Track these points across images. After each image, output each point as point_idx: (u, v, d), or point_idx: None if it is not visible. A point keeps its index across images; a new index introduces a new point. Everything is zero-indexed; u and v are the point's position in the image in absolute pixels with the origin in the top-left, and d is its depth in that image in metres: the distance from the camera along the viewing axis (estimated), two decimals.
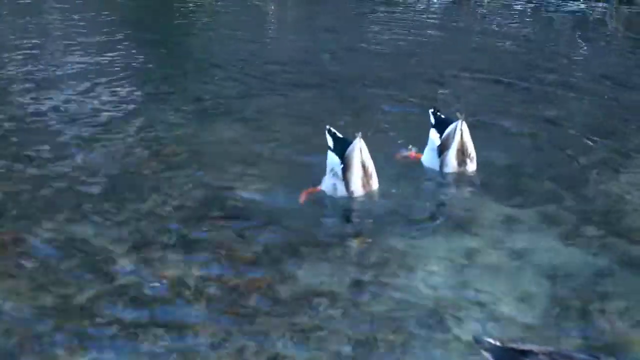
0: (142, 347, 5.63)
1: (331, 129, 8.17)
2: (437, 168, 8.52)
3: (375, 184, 7.99)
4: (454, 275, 6.60)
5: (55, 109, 10.53)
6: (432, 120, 8.65)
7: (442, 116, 8.68)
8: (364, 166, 7.83)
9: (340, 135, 8.08)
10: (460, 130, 8.26)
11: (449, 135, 8.38)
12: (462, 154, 8.36)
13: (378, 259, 6.85)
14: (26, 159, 8.77)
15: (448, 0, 19.81)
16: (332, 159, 7.97)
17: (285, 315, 6.02)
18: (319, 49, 14.37)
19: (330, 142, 8.08)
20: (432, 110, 8.75)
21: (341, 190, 7.89)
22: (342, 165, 7.82)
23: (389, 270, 6.66)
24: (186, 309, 6.05)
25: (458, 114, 8.34)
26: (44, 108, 10.57)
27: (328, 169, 8.00)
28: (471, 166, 8.47)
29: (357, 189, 7.87)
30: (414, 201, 8.04)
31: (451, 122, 8.38)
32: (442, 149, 8.44)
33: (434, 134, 8.57)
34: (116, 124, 9.93)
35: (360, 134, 7.74)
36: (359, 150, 7.76)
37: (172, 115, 10.27)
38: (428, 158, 8.66)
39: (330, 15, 18.37)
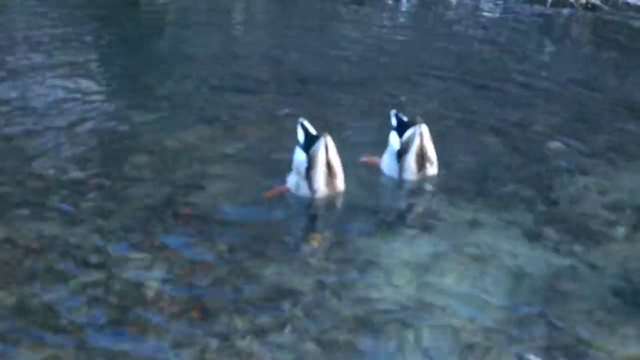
0: (104, 348, 5.58)
1: (304, 123, 8.06)
2: (395, 173, 8.43)
3: (341, 185, 7.96)
4: (417, 277, 6.62)
5: (17, 107, 10.39)
6: (394, 122, 8.51)
7: (404, 119, 8.56)
8: (329, 165, 7.77)
9: (314, 132, 7.96)
10: (420, 134, 8.16)
11: (408, 139, 8.26)
12: (421, 158, 8.26)
13: (342, 260, 6.85)
14: None
15: (417, 2, 19.88)
16: (299, 156, 7.89)
17: (249, 315, 6.01)
18: (287, 49, 14.35)
19: (301, 136, 7.95)
20: (394, 112, 8.60)
21: (304, 189, 7.86)
22: (306, 164, 7.78)
23: (352, 271, 6.67)
24: (148, 310, 6.02)
25: (418, 117, 8.35)
26: (3, 107, 10.42)
27: (294, 166, 7.95)
28: (431, 170, 8.41)
29: (321, 188, 7.84)
30: (378, 202, 8.08)
31: (412, 125, 8.27)
32: (401, 153, 8.35)
33: (393, 138, 8.44)
34: (79, 121, 9.82)
35: (326, 133, 7.73)
36: (324, 148, 7.68)
37: (137, 113, 10.19)
38: (387, 162, 8.55)
39: (298, 14, 18.36)
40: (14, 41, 13.94)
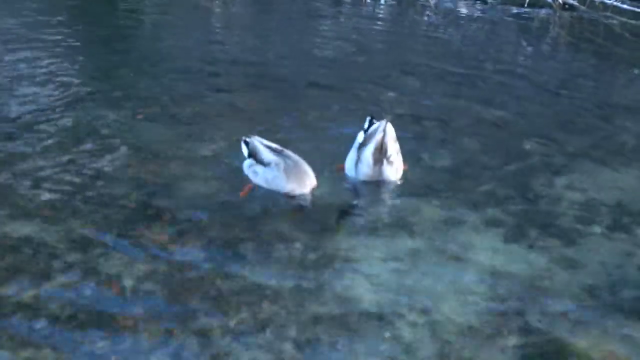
0: (81, 347, 5.57)
1: (246, 139, 8.30)
2: (352, 167, 8.39)
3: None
4: (396, 276, 6.64)
5: None
6: (366, 125, 8.49)
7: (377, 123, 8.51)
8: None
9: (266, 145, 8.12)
10: (383, 130, 8.12)
11: (371, 133, 8.25)
12: (379, 152, 8.16)
13: (320, 259, 6.86)
14: None
15: (395, 3, 19.94)
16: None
17: (227, 314, 6.00)
18: (264, 49, 14.34)
19: (245, 153, 8.29)
20: (369, 117, 8.55)
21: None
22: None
23: (330, 271, 6.68)
24: (126, 309, 6.00)
25: (384, 115, 8.39)
26: None
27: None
28: (389, 170, 8.29)
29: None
30: (356, 202, 8.07)
31: None
32: (361, 146, 8.32)
33: (360, 136, 8.45)
34: (57, 122, 9.76)
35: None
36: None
37: (113, 114, 10.13)
38: (348, 157, 8.51)
39: (276, 15, 18.36)
40: None
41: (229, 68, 12.90)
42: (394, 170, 8.35)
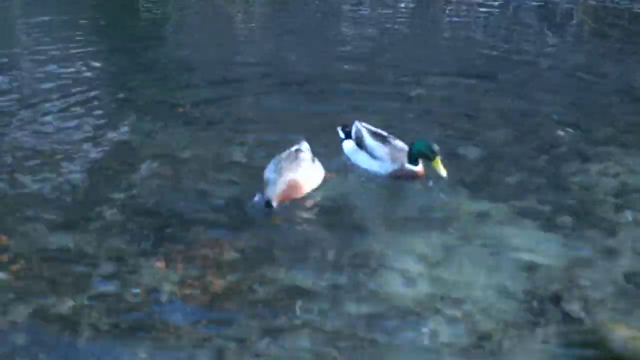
0: (123, 355, 5.61)
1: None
2: (367, 161, 8.56)
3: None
4: (431, 271, 6.63)
5: (25, 118, 10.40)
6: (341, 135, 8.93)
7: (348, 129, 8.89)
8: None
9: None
10: (363, 127, 8.65)
11: (355, 133, 8.70)
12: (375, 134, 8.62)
13: (355, 259, 6.86)
14: None
15: None
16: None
17: (264, 316, 6.03)
18: (287, 51, 14.32)
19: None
20: (340, 127, 8.99)
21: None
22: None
23: (366, 270, 6.68)
24: (165, 315, 6.04)
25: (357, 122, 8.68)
26: (12, 116, 10.43)
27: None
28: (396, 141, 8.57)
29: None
30: (387, 200, 8.06)
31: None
32: (358, 142, 8.64)
33: (348, 144, 8.80)
34: (88, 132, 9.82)
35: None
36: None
37: (143, 122, 10.17)
38: (357, 157, 8.69)
39: (297, 15, 18.35)
40: (15, 51, 13.96)
41: (253, 70, 12.90)
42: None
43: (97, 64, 13.27)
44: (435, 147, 8.04)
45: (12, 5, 18.58)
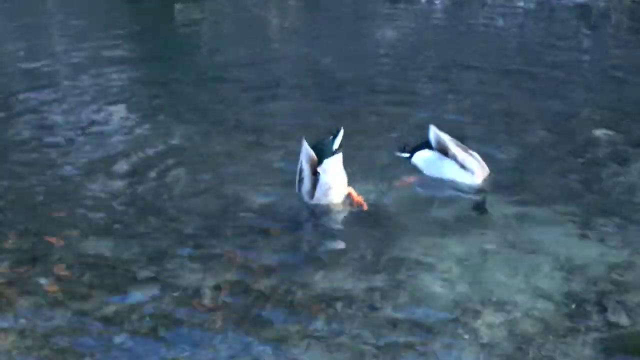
0: (164, 359, 5.64)
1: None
2: (461, 176, 8.36)
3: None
4: (470, 275, 6.60)
5: (61, 123, 10.53)
6: (404, 154, 8.69)
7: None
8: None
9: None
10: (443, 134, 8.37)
11: (440, 142, 8.37)
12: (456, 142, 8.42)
13: (392, 262, 6.85)
14: (37, 175, 8.76)
15: (450, 0, 19.81)
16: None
17: (302, 321, 6.03)
18: (321, 55, 14.34)
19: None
20: (398, 149, 8.76)
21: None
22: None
23: (403, 273, 6.66)
24: (203, 319, 6.06)
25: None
26: (48, 122, 10.55)
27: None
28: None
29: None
30: (424, 203, 8.02)
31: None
32: (443, 151, 8.37)
33: (426, 153, 8.51)
34: (124, 138, 9.92)
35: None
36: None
37: (179, 128, 10.23)
38: (449, 170, 8.43)
39: (331, 19, 18.37)
40: (53, 60, 14.12)
41: (288, 75, 12.96)
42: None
43: (132, 71, 13.40)
44: None
45: (46, 10, 18.83)
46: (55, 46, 15.49)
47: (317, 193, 7.76)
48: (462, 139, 8.58)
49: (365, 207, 7.82)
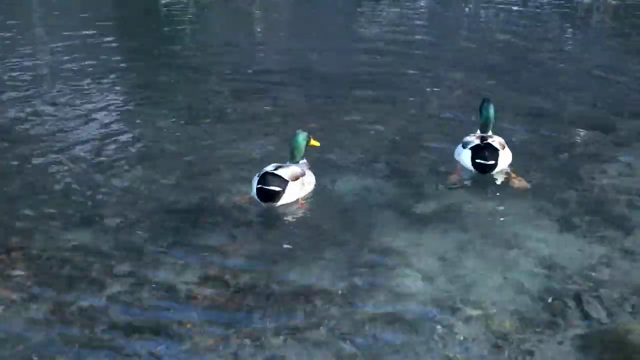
0: (141, 352, 5.60)
1: None
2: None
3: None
4: (448, 271, 6.60)
5: (44, 116, 10.46)
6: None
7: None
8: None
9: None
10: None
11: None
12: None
13: (371, 258, 6.84)
14: (16, 167, 8.70)
15: None
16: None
17: (281, 315, 6.01)
18: (306, 50, 14.34)
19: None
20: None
21: None
22: None
23: (382, 268, 6.66)
24: (182, 313, 6.02)
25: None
26: (31, 115, 10.49)
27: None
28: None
29: None
30: (403, 199, 8.01)
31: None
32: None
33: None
34: (106, 131, 9.88)
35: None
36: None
37: (163, 121, 10.22)
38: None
39: (316, 15, 18.37)
40: (34, 51, 14.04)
41: (272, 69, 12.96)
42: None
43: (114, 62, 13.35)
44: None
45: (31, 3, 18.72)
46: (38, 37, 15.43)
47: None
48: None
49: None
